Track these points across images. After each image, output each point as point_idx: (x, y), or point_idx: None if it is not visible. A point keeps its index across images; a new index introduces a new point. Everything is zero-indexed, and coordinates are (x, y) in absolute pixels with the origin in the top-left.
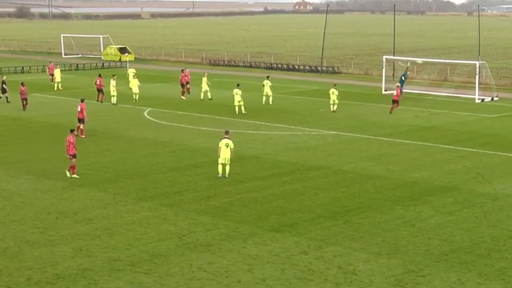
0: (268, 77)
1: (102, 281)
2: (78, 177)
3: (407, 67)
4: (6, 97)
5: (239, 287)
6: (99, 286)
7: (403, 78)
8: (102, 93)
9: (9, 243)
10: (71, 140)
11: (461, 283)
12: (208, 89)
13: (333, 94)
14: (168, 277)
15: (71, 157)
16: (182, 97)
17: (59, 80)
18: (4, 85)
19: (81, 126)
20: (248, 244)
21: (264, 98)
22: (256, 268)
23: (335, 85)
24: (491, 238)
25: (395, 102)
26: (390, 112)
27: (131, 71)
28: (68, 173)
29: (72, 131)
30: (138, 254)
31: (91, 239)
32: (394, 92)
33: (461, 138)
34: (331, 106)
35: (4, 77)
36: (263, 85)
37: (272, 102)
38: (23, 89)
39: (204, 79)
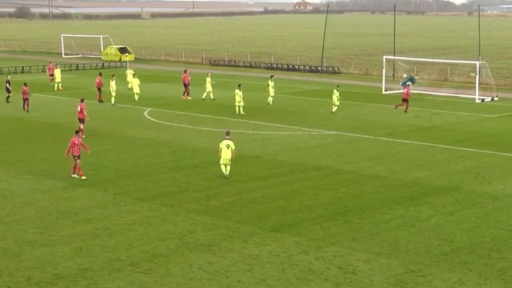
0: (271, 76)
1: (102, 281)
2: (77, 177)
3: (415, 75)
4: (8, 97)
5: (240, 287)
6: (99, 286)
7: (410, 81)
8: (100, 92)
9: (9, 243)
10: (76, 142)
11: (461, 283)
12: (211, 89)
13: (334, 95)
14: (168, 277)
15: (75, 158)
16: (188, 97)
17: (59, 80)
18: (7, 85)
19: (81, 126)
20: (248, 244)
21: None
22: (256, 268)
23: (338, 86)
24: (491, 238)
25: (404, 100)
26: (395, 107)
27: (129, 72)
28: (83, 177)
29: (77, 132)
30: (138, 254)
31: (91, 239)
32: (405, 91)
33: (461, 138)
34: (332, 106)
35: (9, 76)
36: (267, 85)
37: (272, 102)
38: (25, 89)
39: (208, 79)
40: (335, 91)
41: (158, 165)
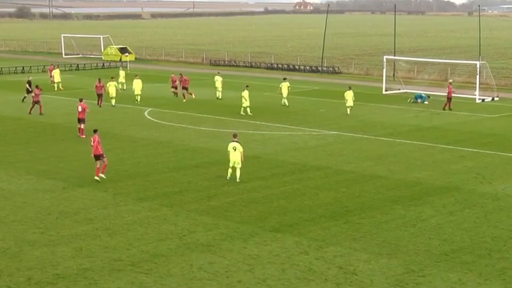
0: (284, 79)
1: (103, 281)
2: (105, 177)
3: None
4: (25, 97)
5: (240, 287)
6: (100, 286)
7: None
8: (100, 98)
9: (9, 243)
10: (98, 140)
11: (462, 283)
12: (221, 89)
13: (348, 95)
14: (169, 277)
15: (96, 157)
16: (191, 96)
17: (59, 80)
18: (28, 85)
19: (82, 126)
20: (249, 244)
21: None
22: (257, 268)
23: (349, 88)
24: (491, 238)
25: (449, 99)
26: (449, 109)
27: (121, 73)
28: (97, 178)
29: (95, 131)
30: (139, 254)
31: (92, 239)
32: (448, 90)
33: (461, 138)
34: (347, 108)
35: (30, 77)
36: (287, 87)
37: (285, 103)
38: (37, 91)
39: (219, 79)
40: (348, 92)
41: (158, 165)
